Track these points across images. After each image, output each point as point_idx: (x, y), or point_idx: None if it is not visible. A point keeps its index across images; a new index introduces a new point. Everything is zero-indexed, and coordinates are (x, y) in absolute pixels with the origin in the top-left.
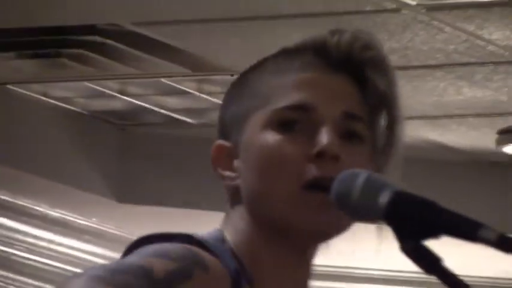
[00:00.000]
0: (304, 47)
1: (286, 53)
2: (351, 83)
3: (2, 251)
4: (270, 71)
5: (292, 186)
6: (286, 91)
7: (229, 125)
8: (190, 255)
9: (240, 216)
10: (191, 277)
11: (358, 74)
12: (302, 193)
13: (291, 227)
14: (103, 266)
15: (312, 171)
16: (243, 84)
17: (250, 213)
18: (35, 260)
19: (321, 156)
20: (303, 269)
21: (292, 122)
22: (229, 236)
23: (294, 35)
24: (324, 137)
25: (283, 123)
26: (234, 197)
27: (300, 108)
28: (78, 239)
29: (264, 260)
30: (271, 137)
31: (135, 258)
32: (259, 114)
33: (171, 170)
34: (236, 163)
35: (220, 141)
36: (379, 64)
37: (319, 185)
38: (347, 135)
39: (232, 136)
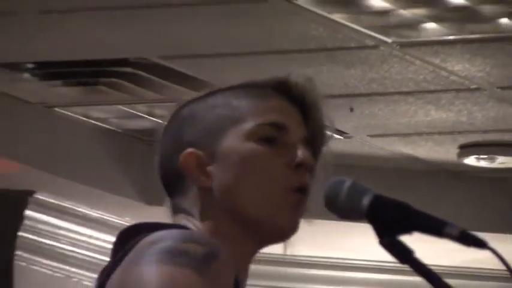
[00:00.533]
0: (269, 81)
1: (255, 84)
2: (300, 115)
3: (49, 244)
4: (245, 95)
5: (276, 189)
6: (263, 111)
7: (200, 136)
8: (211, 241)
9: (207, 215)
10: (218, 257)
11: (304, 108)
12: (285, 195)
13: (265, 222)
14: (158, 253)
15: (295, 178)
16: (211, 104)
17: (225, 210)
18: (76, 252)
19: (300, 166)
20: (250, 261)
21: (271, 137)
22: (197, 229)
23: (292, 68)
24: (303, 153)
25: (264, 138)
26: (201, 198)
27: (277, 126)
28: (112, 234)
29: (229, 251)
30: (256, 148)
31: (171, 242)
32: (238, 128)
33: None
34: (210, 168)
35: (191, 149)
36: (319, 104)
37: (300, 191)
38: None
39: (203, 146)
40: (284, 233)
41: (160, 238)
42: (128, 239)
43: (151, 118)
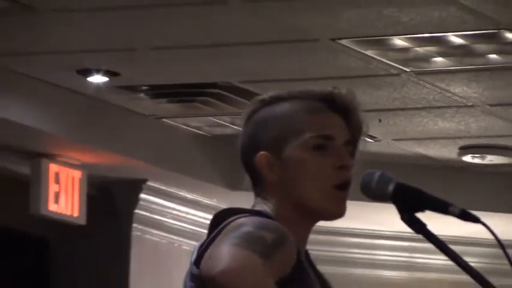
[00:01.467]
0: (321, 93)
1: (310, 95)
2: (343, 120)
3: (157, 219)
4: (303, 109)
5: (324, 185)
6: (316, 125)
7: (270, 141)
8: (280, 227)
9: (276, 201)
10: (284, 244)
11: (347, 115)
12: (333, 191)
13: (322, 211)
14: (238, 237)
15: (340, 177)
16: (278, 113)
17: (288, 199)
18: (177, 225)
19: (341, 168)
20: (307, 236)
21: (322, 145)
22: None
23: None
24: (344, 157)
25: (316, 146)
26: (272, 188)
27: (326, 137)
28: (204, 212)
29: (294, 233)
30: (309, 156)
31: (251, 228)
32: (298, 139)
33: None
34: (277, 167)
35: (264, 152)
36: (357, 110)
37: (344, 186)
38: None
39: (273, 149)
40: (333, 216)
41: (243, 224)
42: (220, 221)
43: (233, 127)
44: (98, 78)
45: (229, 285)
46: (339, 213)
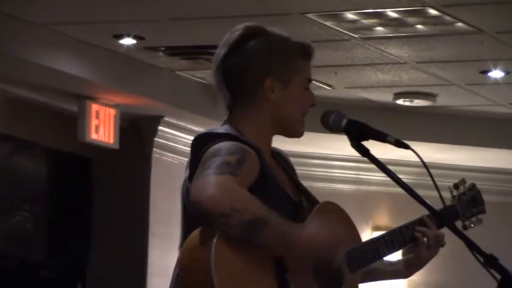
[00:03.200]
0: (305, 44)
1: (297, 44)
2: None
3: (173, 145)
4: (298, 53)
5: (302, 113)
6: (308, 70)
7: (278, 72)
8: (240, 147)
9: (261, 117)
10: (246, 159)
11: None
12: (303, 118)
13: (295, 129)
14: (211, 167)
15: (308, 110)
16: (280, 50)
17: (273, 116)
18: (187, 149)
19: (313, 104)
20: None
21: (307, 87)
22: (245, 126)
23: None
24: (314, 97)
25: (306, 87)
26: (262, 107)
27: (311, 81)
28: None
29: (264, 139)
30: (302, 92)
31: (219, 158)
32: (298, 77)
33: None
34: (277, 91)
35: (272, 77)
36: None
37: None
38: None
39: (278, 78)
40: (298, 135)
41: (213, 153)
42: (200, 146)
43: None
44: (128, 41)
45: (216, 208)
46: (301, 134)
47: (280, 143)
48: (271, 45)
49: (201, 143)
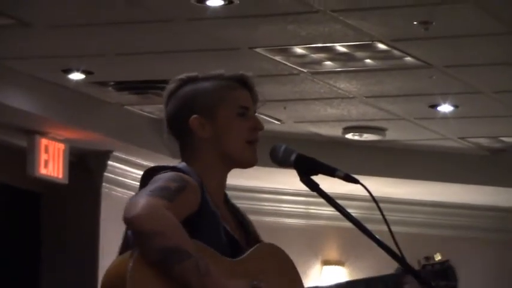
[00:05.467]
0: (236, 75)
1: (227, 76)
2: (250, 95)
3: (121, 179)
4: (224, 86)
5: (244, 141)
6: (237, 98)
7: (202, 108)
8: (181, 177)
9: (205, 155)
10: (185, 188)
11: (252, 91)
12: (248, 145)
13: (242, 159)
14: (151, 189)
15: (254, 135)
16: (205, 88)
17: (217, 151)
18: (136, 184)
19: (255, 129)
20: (225, 179)
21: (243, 113)
22: (194, 165)
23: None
24: (257, 121)
25: (240, 114)
26: (201, 145)
27: (245, 107)
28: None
29: (214, 177)
30: (234, 119)
31: (159, 183)
32: (226, 107)
33: None
34: (207, 127)
35: (196, 116)
36: (256, 88)
37: (256, 142)
38: None
39: (204, 114)
40: (249, 164)
41: (158, 179)
42: (147, 178)
43: None
44: (77, 76)
45: (140, 226)
46: (253, 162)
47: (229, 177)
48: (195, 86)
49: (149, 175)
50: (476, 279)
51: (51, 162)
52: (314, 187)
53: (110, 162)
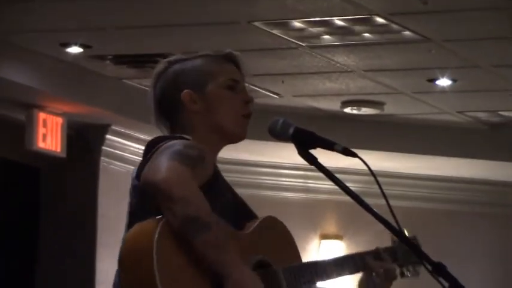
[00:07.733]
0: (224, 53)
1: (217, 54)
2: (237, 69)
3: (120, 153)
4: (214, 61)
5: (238, 114)
6: (227, 72)
7: (193, 83)
8: (197, 146)
9: (197, 128)
10: (204, 158)
11: (239, 66)
12: (242, 118)
13: (233, 133)
14: (172, 153)
15: (246, 109)
16: (195, 65)
17: (208, 124)
18: (134, 158)
19: (248, 101)
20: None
21: (232, 86)
22: (190, 136)
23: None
24: (248, 95)
25: (229, 86)
26: (193, 120)
27: (234, 80)
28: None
29: (209, 147)
30: (225, 92)
31: (179, 148)
32: (214, 80)
33: None
34: (199, 101)
35: (187, 90)
36: (243, 63)
37: (248, 116)
38: None
39: (194, 88)
40: (239, 138)
41: (173, 144)
42: (152, 147)
43: None
44: (75, 49)
45: (168, 190)
46: (243, 136)
47: (229, 151)
48: (183, 65)
49: (154, 143)
50: (474, 254)
51: (49, 136)
52: (312, 161)
53: (108, 136)
